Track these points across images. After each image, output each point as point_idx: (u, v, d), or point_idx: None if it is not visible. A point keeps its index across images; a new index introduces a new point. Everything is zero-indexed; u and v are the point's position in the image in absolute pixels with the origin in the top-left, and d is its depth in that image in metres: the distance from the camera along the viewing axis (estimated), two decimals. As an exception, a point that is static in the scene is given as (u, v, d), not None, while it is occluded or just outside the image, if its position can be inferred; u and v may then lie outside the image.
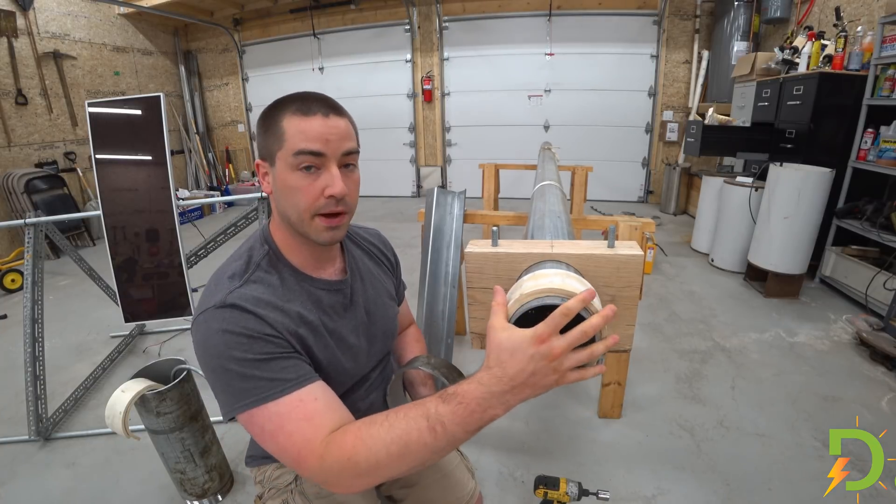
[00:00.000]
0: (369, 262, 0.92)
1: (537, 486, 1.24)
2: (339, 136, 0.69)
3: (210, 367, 0.63)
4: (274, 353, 0.64)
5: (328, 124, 0.68)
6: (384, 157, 6.63)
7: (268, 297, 0.69)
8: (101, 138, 2.20)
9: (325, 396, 0.65)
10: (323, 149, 0.68)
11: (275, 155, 0.69)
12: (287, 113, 0.68)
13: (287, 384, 0.62)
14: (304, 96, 0.70)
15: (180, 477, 1.59)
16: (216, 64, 6.96)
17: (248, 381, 0.61)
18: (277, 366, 0.63)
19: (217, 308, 0.65)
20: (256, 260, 0.74)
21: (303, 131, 0.67)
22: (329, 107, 0.70)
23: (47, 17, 4.87)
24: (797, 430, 1.87)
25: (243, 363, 0.61)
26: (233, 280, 0.70)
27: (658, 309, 2.99)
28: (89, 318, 3.17)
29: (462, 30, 5.92)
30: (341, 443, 0.57)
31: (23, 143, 4.71)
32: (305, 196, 0.68)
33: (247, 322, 0.64)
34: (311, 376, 0.66)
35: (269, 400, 0.61)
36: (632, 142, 5.88)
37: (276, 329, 0.66)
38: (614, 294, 0.67)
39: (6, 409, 2.21)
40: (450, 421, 0.53)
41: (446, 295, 2.13)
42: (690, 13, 5.28)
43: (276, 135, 0.68)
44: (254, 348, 0.62)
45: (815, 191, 2.83)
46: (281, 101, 0.71)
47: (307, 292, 0.75)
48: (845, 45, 3.03)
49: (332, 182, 0.69)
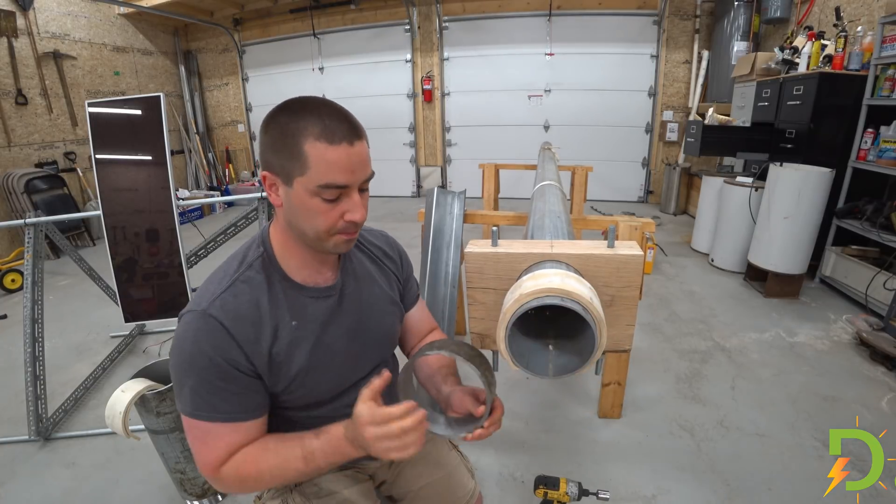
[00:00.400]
0: (370, 266, 0.90)
1: (537, 486, 1.24)
2: (363, 165, 0.68)
3: (175, 364, 0.70)
4: (226, 385, 0.69)
5: (353, 153, 0.66)
6: (384, 157, 6.63)
7: (248, 309, 0.71)
8: (101, 138, 2.20)
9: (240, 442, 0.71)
10: (349, 181, 0.67)
11: (292, 177, 0.67)
12: (309, 136, 0.64)
13: (219, 414, 0.69)
14: (323, 114, 0.65)
15: (180, 477, 1.59)
16: (216, 64, 6.96)
17: (194, 395, 0.69)
18: (224, 393, 0.69)
19: (199, 314, 0.69)
20: (249, 261, 0.75)
21: (330, 163, 0.64)
22: (353, 131, 0.67)
23: (47, 17, 4.87)
24: (797, 430, 1.87)
25: (199, 381, 0.68)
26: (223, 280, 0.73)
27: (658, 309, 2.98)
28: (89, 318, 3.17)
29: (462, 30, 5.92)
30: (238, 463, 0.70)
31: (23, 143, 4.71)
32: (326, 220, 0.68)
33: (218, 341, 0.68)
34: (245, 415, 0.71)
35: (199, 418, 0.69)
36: (632, 142, 5.88)
37: (243, 351, 0.69)
38: (614, 294, 0.67)
39: (6, 409, 2.21)
40: (319, 455, 0.67)
41: (446, 295, 2.13)
42: (690, 13, 5.28)
43: (296, 158, 0.65)
44: (212, 373, 0.68)
45: (815, 191, 2.83)
46: (297, 115, 0.66)
47: (292, 301, 0.75)
48: (845, 45, 3.03)
49: (355, 209, 0.69)
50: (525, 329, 0.66)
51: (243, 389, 0.70)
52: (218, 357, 0.67)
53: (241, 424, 0.71)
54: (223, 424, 0.70)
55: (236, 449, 0.71)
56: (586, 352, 0.60)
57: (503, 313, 0.63)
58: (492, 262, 0.69)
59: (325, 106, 0.67)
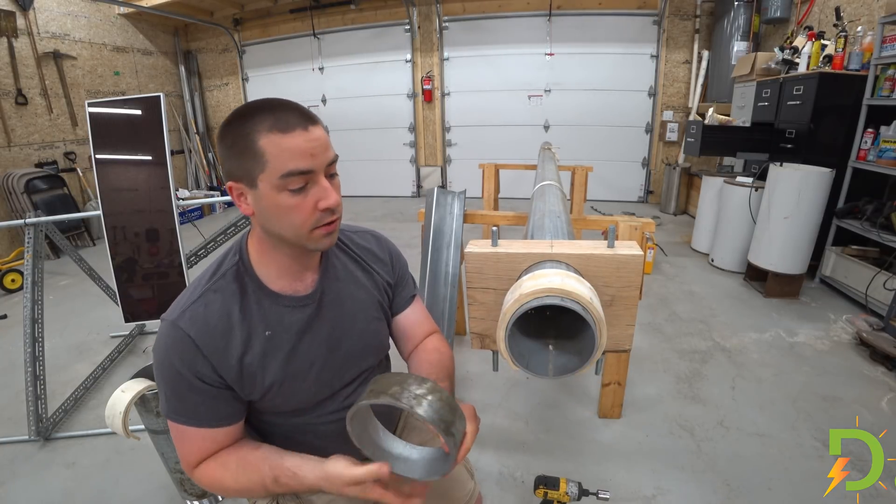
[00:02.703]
0: (355, 269, 0.86)
1: (537, 486, 1.24)
2: (323, 148, 0.67)
3: (154, 367, 0.72)
4: (193, 395, 0.70)
5: (310, 137, 0.65)
6: (384, 157, 6.63)
7: (217, 320, 0.71)
8: (101, 138, 2.20)
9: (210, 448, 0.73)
10: (311, 165, 0.65)
11: (255, 177, 0.66)
12: (262, 131, 0.64)
13: (189, 419, 0.71)
14: (273, 107, 0.66)
15: (180, 477, 1.59)
16: (216, 64, 6.96)
17: (167, 398, 0.71)
18: (192, 401, 0.70)
19: (169, 322, 0.70)
20: (223, 270, 0.74)
21: (287, 150, 0.64)
22: (305, 117, 0.66)
23: (47, 17, 4.87)
24: (797, 430, 1.87)
25: (169, 388, 0.70)
26: (196, 288, 0.73)
27: (658, 309, 2.98)
28: (89, 318, 3.17)
29: (462, 30, 5.92)
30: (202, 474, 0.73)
31: (23, 143, 4.71)
32: (300, 214, 0.67)
33: (183, 353, 0.69)
34: (214, 423, 0.72)
35: (172, 420, 0.71)
36: (632, 142, 5.88)
37: (210, 362, 0.69)
38: (614, 294, 0.67)
39: (6, 409, 2.21)
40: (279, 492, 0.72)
41: (446, 295, 2.13)
42: (690, 13, 5.28)
43: (254, 156, 0.64)
44: (178, 381, 0.69)
45: (815, 191, 2.83)
46: (247, 114, 0.66)
47: (266, 310, 0.74)
48: (845, 45, 3.03)
49: (326, 195, 0.67)
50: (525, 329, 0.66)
51: (211, 399, 0.71)
52: (184, 368, 0.68)
53: (209, 431, 0.72)
54: (194, 429, 0.71)
55: (207, 454, 0.72)
56: (586, 352, 0.60)
57: (503, 313, 0.63)
58: (492, 262, 0.69)
59: (273, 101, 0.67)
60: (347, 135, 6.63)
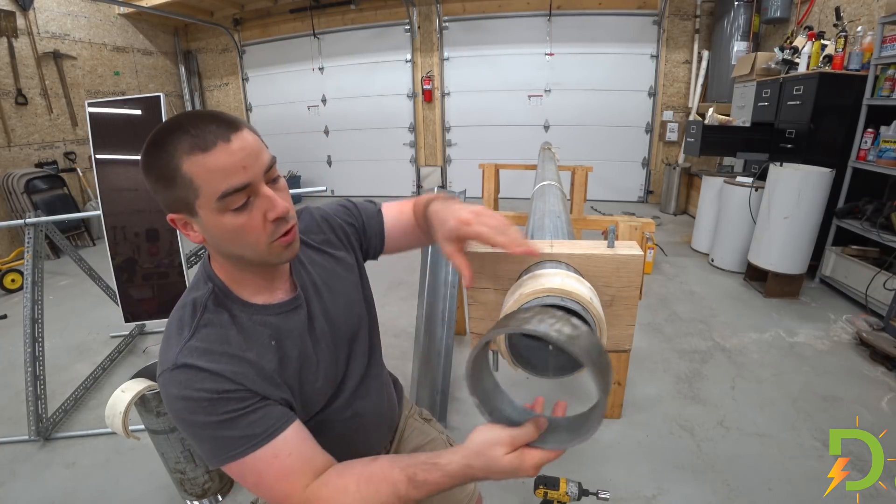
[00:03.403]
0: (319, 258, 0.82)
1: (537, 486, 1.24)
2: (254, 155, 0.60)
3: (181, 427, 0.63)
4: (238, 409, 0.61)
5: (235, 149, 0.58)
6: (384, 157, 6.63)
7: (220, 346, 0.64)
8: (101, 138, 2.20)
9: (299, 448, 0.64)
10: (246, 179, 0.59)
11: (192, 205, 0.60)
12: (182, 155, 0.57)
13: (257, 439, 0.62)
14: (187, 124, 0.58)
15: (180, 477, 1.59)
16: (216, 64, 6.96)
17: (218, 441, 0.61)
18: (245, 421, 0.62)
19: (171, 370, 0.62)
20: (202, 301, 0.67)
21: (215, 170, 0.57)
22: (224, 127, 0.59)
23: (47, 17, 4.87)
24: (797, 430, 1.87)
25: (208, 426, 0.61)
26: (182, 332, 0.64)
27: (658, 309, 2.98)
28: (89, 318, 3.17)
29: (462, 30, 5.92)
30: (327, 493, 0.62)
31: (23, 143, 4.71)
32: (251, 232, 0.62)
33: (203, 383, 0.61)
34: (282, 424, 0.64)
35: (242, 456, 0.61)
36: (632, 142, 5.88)
37: (234, 381, 0.62)
38: (614, 294, 0.67)
39: (6, 409, 2.21)
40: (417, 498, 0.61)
41: (446, 295, 2.13)
42: (690, 13, 5.28)
43: (183, 185, 0.58)
44: (217, 410, 0.60)
45: (815, 191, 2.83)
46: (162, 140, 0.58)
47: (262, 325, 0.69)
48: (845, 45, 3.03)
49: (272, 205, 0.62)
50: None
51: (261, 404, 0.64)
52: (213, 395, 0.61)
53: (280, 439, 0.63)
54: (273, 442, 0.62)
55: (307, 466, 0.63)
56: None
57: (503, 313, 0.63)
58: (491, 262, 0.69)
59: (187, 118, 0.60)
60: (347, 135, 6.63)
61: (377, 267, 0.93)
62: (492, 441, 0.57)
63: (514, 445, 0.57)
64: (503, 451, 0.57)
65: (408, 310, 3.08)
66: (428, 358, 2.03)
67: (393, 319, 2.97)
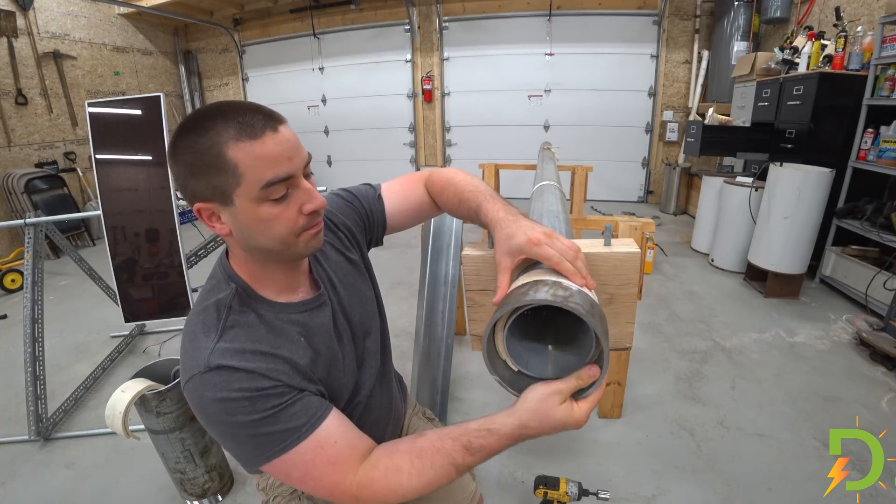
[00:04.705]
0: (333, 255, 0.82)
1: (537, 486, 1.25)
2: (297, 148, 0.62)
3: (217, 432, 0.62)
4: (278, 404, 0.61)
5: (282, 139, 0.59)
6: (384, 157, 6.63)
7: (252, 344, 0.63)
8: (101, 138, 2.20)
9: (343, 434, 0.64)
10: (291, 170, 0.60)
11: (229, 194, 0.59)
12: (228, 141, 0.57)
13: (301, 431, 0.61)
14: (233, 111, 0.58)
15: (180, 477, 1.59)
16: (216, 64, 6.96)
17: (260, 439, 0.60)
18: (286, 415, 0.61)
19: (204, 373, 0.60)
20: (226, 302, 0.65)
21: (263, 158, 0.57)
22: (271, 117, 0.60)
23: (47, 17, 4.87)
24: (797, 430, 1.87)
25: (249, 425, 0.59)
26: (209, 334, 0.63)
27: (658, 309, 2.98)
28: (89, 318, 3.17)
29: (462, 30, 5.92)
30: (372, 491, 0.62)
31: (23, 143, 4.71)
32: (285, 223, 0.62)
33: (240, 383, 0.59)
34: (323, 412, 0.64)
35: (287, 450, 0.60)
36: (632, 142, 5.88)
37: (271, 378, 0.61)
38: (613, 292, 0.67)
39: (6, 409, 2.21)
40: (473, 465, 0.63)
41: (446, 295, 2.13)
42: (690, 13, 5.28)
43: (225, 171, 0.57)
44: (257, 407, 0.59)
45: (815, 191, 2.83)
46: (204, 125, 0.58)
47: (290, 323, 0.69)
48: (845, 45, 3.03)
49: (310, 198, 0.63)
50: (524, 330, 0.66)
51: (300, 395, 0.63)
52: (252, 393, 0.60)
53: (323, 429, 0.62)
54: (317, 432, 0.61)
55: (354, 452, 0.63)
56: (585, 352, 0.60)
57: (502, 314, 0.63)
58: (489, 264, 0.69)
59: (229, 105, 0.60)
60: (347, 135, 6.63)
61: (377, 267, 0.93)
62: (546, 393, 0.58)
63: (564, 396, 0.58)
64: (557, 401, 0.58)
65: (408, 310, 3.08)
66: (428, 358, 2.03)
67: (393, 319, 2.97)
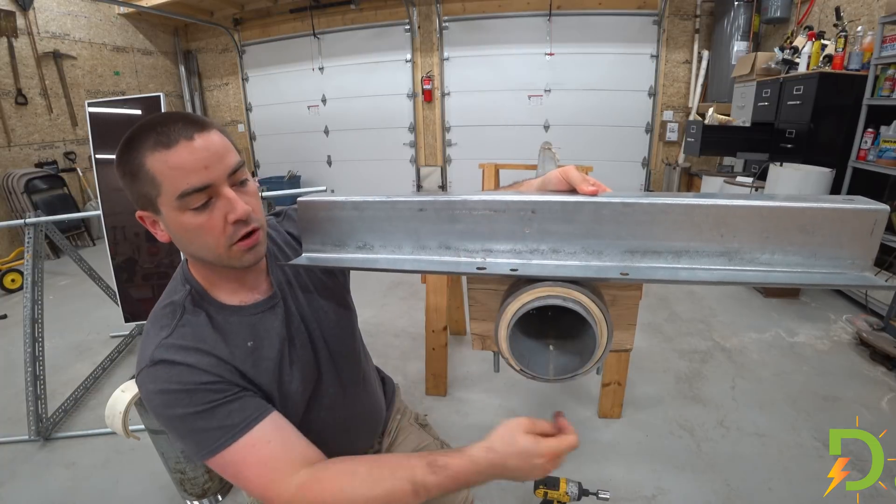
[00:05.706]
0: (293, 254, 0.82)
1: (537, 487, 1.24)
2: (218, 155, 0.60)
3: (163, 424, 0.64)
4: (215, 400, 0.62)
5: (197, 147, 0.58)
6: (384, 157, 6.62)
7: (195, 342, 0.65)
8: (101, 138, 2.20)
9: (279, 435, 0.64)
10: (207, 179, 0.59)
11: (155, 202, 0.61)
12: (145, 152, 0.58)
13: (236, 429, 0.61)
14: (156, 122, 0.59)
15: (180, 477, 1.59)
16: (216, 64, 6.95)
17: (197, 434, 0.62)
18: (223, 412, 0.62)
19: (149, 367, 0.63)
20: (180, 302, 0.68)
21: (175, 168, 0.58)
22: (191, 125, 0.59)
23: (47, 17, 4.87)
24: (797, 430, 1.87)
25: (186, 418, 0.61)
26: (161, 331, 0.66)
27: (658, 309, 2.98)
28: (89, 318, 3.17)
29: (462, 30, 5.92)
30: (318, 491, 0.59)
31: (23, 143, 4.71)
32: (211, 233, 0.62)
33: (180, 376, 0.62)
34: (259, 414, 0.64)
35: (222, 448, 0.61)
36: (632, 142, 5.88)
37: (211, 373, 0.63)
38: (615, 293, 0.67)
39: (6, 409, 2.21)
40: (434, 488, 0.59)
41: (446, 295, 2.13)
42: (690, 13, 5.28)
43: (146, 181, 0.59)
44: (194, 400, 0.61)
45: (815, 190, 2.83)
46: (131, 137, 0.60)
47: (239, 325, 0.70)
48: (845, 45, 3.03)
49: (232, 206, 0.61)
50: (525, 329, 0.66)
51: (240, 394, 0.64)
52: (189, 385, 0.62)
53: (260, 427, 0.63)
54: (250, 433, 0.62)
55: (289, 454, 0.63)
56: (587, 352, 0.60)
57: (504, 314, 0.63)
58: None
59: (158, 116, 0.61)
60: (347, 135, 6.63)
61: (377, 267, 0.92)
62: (513, 423, 0.59)
63: (532, 429, 0.59)
64: (524, 429, 0.58)
65: (408, 310, 3.08)
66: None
67: (393, 319, 2.98)
